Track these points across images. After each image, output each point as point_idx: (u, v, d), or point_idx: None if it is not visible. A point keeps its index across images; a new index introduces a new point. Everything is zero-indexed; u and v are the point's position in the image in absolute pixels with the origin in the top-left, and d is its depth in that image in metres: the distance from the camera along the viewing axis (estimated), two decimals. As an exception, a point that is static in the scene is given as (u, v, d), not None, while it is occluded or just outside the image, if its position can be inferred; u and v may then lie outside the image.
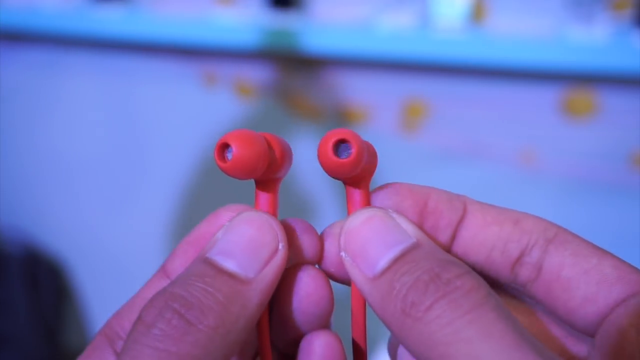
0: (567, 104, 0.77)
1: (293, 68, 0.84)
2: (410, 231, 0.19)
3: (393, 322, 0.18)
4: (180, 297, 0.18)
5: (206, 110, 0.89)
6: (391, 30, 0.74)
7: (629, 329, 0.18)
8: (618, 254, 0.21)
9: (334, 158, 0.19)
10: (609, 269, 0.20)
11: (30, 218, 1.00)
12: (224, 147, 0.19)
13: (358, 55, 0.78)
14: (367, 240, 0.19)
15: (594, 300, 0.19)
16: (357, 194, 0.21)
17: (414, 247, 0.19)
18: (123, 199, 0.96)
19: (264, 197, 0.21)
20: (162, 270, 0.22)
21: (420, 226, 0.20)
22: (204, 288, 0.18)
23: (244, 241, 0.19)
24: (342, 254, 0.20)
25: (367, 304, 0.20)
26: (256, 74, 0.85)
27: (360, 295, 0.20)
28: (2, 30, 0.87)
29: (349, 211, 0.21)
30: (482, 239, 0.21)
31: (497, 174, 0.81)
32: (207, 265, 0.19)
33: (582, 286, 0.19)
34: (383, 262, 0.18)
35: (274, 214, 0.21)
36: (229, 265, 0.18)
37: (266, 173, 0.20)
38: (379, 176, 0.23)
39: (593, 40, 0.69)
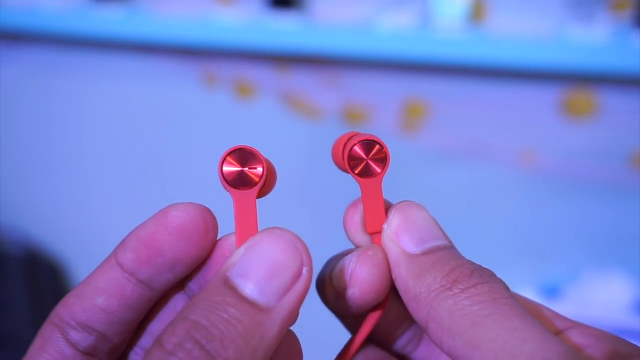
0: (567, 104, 0.77)
1: (293, 68, 0.84)
2: (444, 235, 0.22)
3: (426, 291, 0.19)
4: (202, 327, 0.17)
5: (206, 110, 0.89)
6: (391, 30, 0.74)
7: None
8: (618, 253, 0.21)
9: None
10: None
11: (30, 218, 1.00)
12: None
13: (358, 55, 0.78)
14: (415, 222, 0.21)
15: None
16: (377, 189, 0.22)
17: (451, 246, 0.21)
18: (123, 198, 0.96)
19: (250, 210, 0.21)
20: (114, 259, 0.22)
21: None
22: (225, 319, 0.18)
23: (267, 264, 0.19)
24: (385, 226, 0.21)
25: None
26: (256, 74, 0.85)
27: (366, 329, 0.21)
28: (2, 30, 0.88)
29: (365, 203, 0.22)
30: None
31: (497, 174, 0.81)
32: (227, 288, 0.18)
33: None
34: (426, 246, 0.20)
35: (255, 225, 0.21)
36: (249, 291, 0.18)
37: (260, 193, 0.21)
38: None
39: (593, 40, 0.69)
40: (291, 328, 0.20)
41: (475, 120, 0.79)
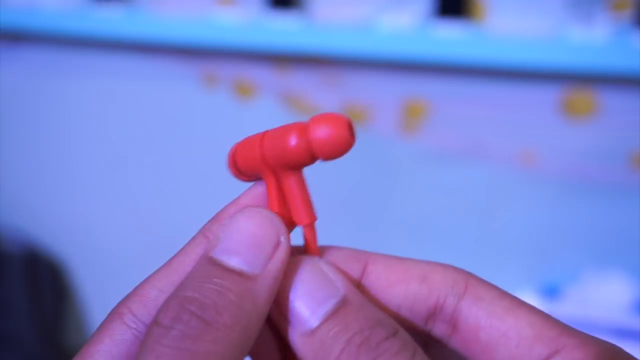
0: (567, 104, 0.77)
1: (293, 68, 0.84)
2: (339, 284, 0.20)
3: None
4: (195, 299, 0.18)
5: (206, 110, 0.89)
6: (391, 30, 0.74)
7: None
8: (618, 254, 0.21)
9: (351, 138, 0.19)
10: (527, 328, 0.19)
11: (30, 218, 1.00)
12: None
13: (358, 55, 0.78)
14: (297, 294, 0.20)
15: None
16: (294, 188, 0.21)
17: (344, 302, 0.19)
18: (123, 198, 0.96)
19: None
20: (203, 236, 0.22)
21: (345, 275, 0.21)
22: (215, 289, 0.18)
23: (246, 237, 0.19)
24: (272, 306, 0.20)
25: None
26: (256, 74, 0.85)
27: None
28: (2, 30, 0.88)
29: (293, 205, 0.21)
30: (388, 299, 0.21)
31: (497, 174, 0.81)
32: (213, 265, 0.19)
33: (502, 349, 0.19)
34: (315, 318, 0.19)
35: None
36: (235, 263, 0.19)
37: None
38: (379, 176, 0.23)
39: (593, 41, 0.69)
40: None
41: (475, 120, 0.79)
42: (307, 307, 0.19)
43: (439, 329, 0.21)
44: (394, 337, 0.18)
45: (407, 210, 0.84)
